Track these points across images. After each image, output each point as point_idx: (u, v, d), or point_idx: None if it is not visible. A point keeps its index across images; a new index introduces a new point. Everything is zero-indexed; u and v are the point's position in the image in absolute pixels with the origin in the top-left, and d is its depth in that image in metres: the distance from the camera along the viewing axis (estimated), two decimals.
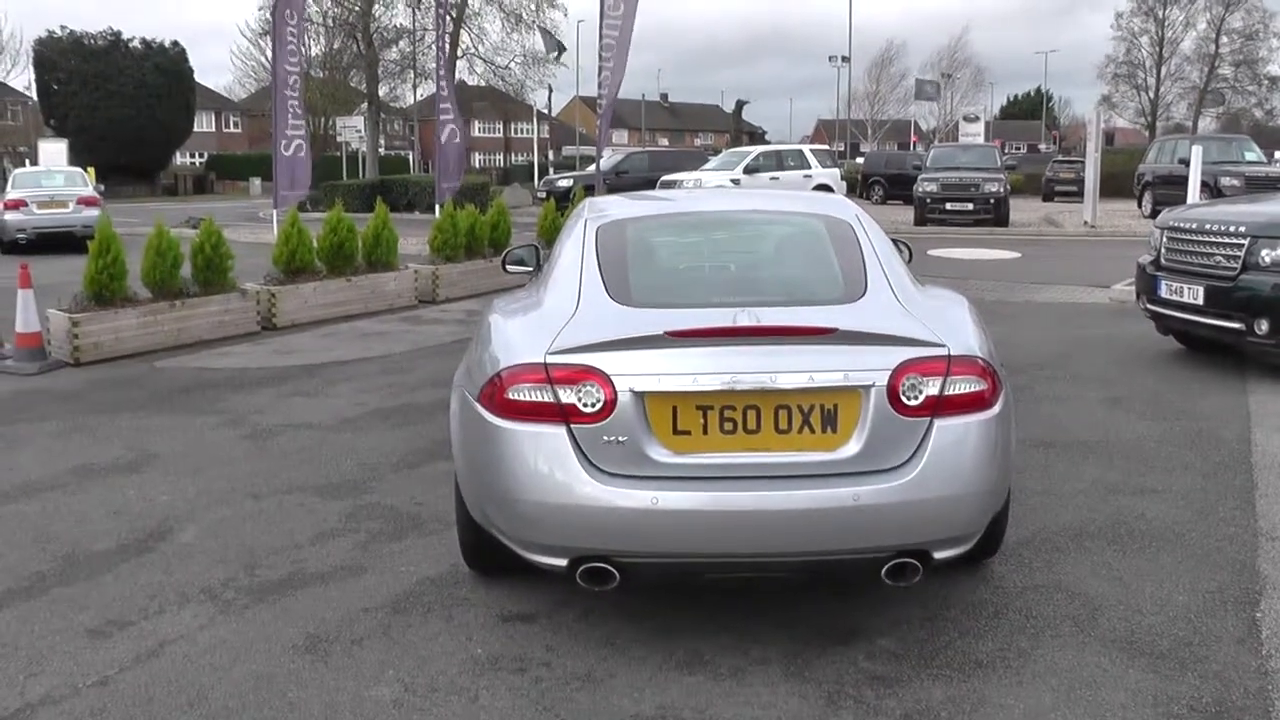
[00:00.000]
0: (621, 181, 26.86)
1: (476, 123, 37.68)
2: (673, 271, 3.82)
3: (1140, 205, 23.16)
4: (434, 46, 19.04)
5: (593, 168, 30.04)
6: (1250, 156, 20.25)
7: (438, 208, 13.53)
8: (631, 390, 2.97)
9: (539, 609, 3.60)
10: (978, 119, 54.33)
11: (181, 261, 8.46)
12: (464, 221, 11.33)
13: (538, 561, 3.15)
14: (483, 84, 35.90)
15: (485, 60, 33.37)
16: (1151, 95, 56.44)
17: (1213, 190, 17.84)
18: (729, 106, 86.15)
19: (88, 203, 17.03)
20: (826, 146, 35.05)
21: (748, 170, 25.58)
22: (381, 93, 33.94)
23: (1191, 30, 55.77)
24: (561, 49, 29.59)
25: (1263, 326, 6.39)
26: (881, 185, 32.79)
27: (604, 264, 3.61)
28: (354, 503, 4.79)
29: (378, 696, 3.05)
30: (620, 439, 2.97)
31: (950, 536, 3.12)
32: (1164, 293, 7.20)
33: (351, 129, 32.16)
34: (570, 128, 69.34)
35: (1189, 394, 6.64)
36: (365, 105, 34.40)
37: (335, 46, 34.60)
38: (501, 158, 62.25)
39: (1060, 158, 39.44)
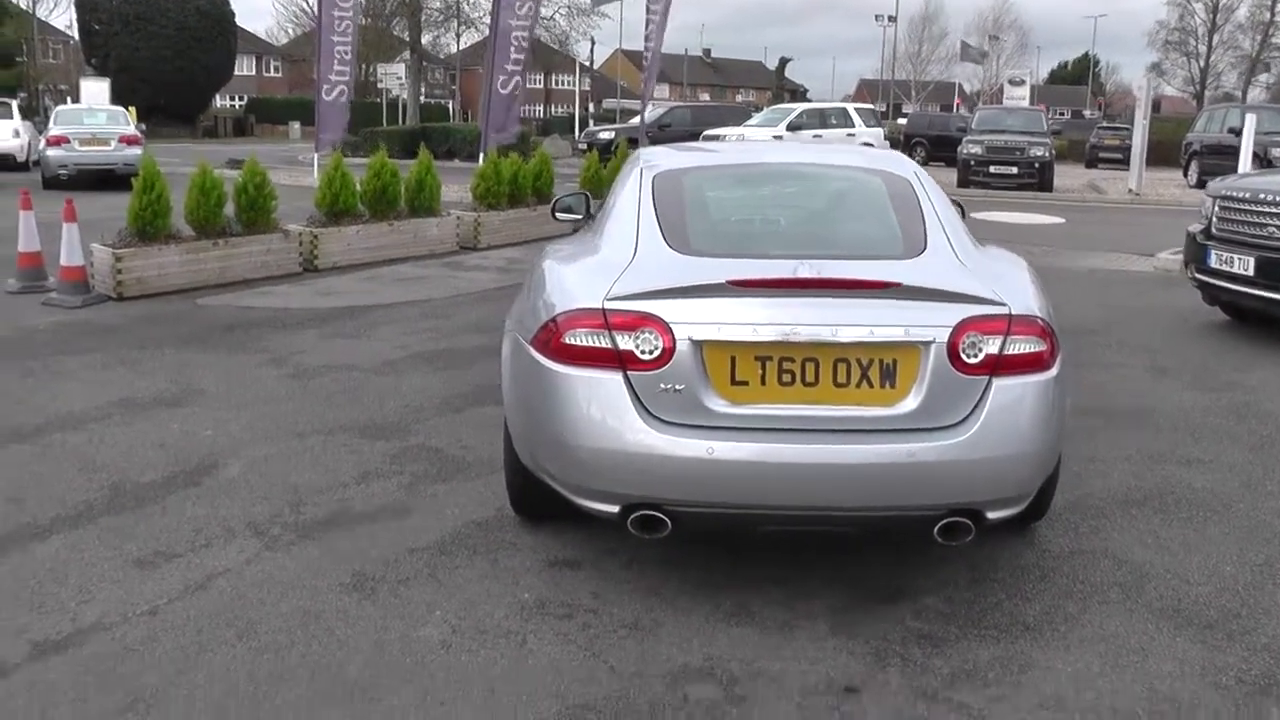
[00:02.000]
0: (664, 135, 26.61)
1: (488, 73, 37.48)
2: (731, 222, 3.77)
3: (1186, 174, 22.70)
4: None
5: (635, 120, 29.89)
6: None
7: (481, 155, 13.48)
8: (690, 339, 2.94)
9: (585, 556, 3.61)
10: (1023, 82, 53.23)
11: (224, 200, 8.47)
12: (507, 170, 11.27)
13: (588, 507, 3.14)
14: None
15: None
16: (1202, 63, 55.17)
17: (1263, 160, 17.44)
18: (772, 64, 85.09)
19: (129, 141, 17.09)
20: (871, 105, 34.53)
21: (791, 127, 25.28)
22: (424, 40, 33.66)
23: None
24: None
25: None
26: (924, 146, 32.36)
27: (661, 213, 3.57)
28: (398, 444, 4.81)
29: (426, 637, 3.07)
30: (677, 387, 2.94)
31: (1004, 497, 3.09)
32: (1213, 262, 7.06)
33: (393, 76, 32.01)
34: (611, 81, 68.66)
35: (1236, 365, 6.52)
36: (407, 53, 34.18)
37: None
38: (542, 109, 61.87)
39: (1105, 124, 38.70)
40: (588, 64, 51.45)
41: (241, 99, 59.51)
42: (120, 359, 6.25)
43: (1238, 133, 20.11)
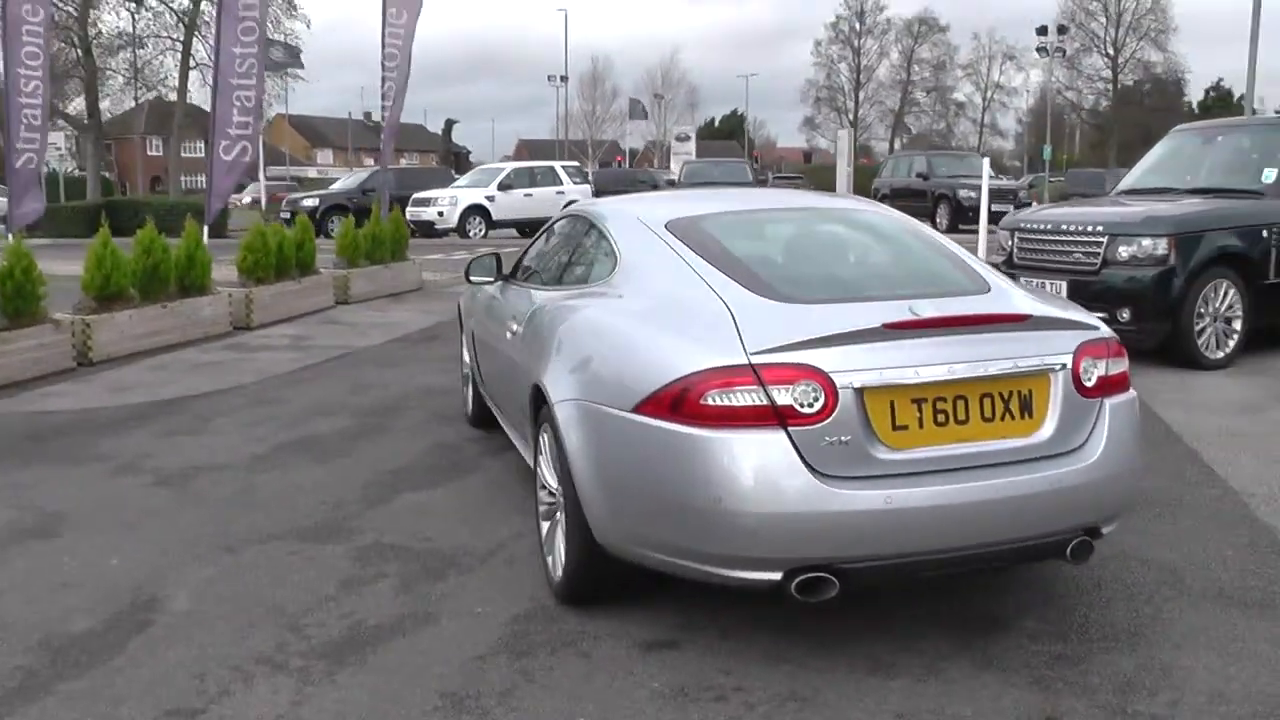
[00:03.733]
0: (368, 200, 25.75)
1: (176, 143, 34.69)
2: (801, 267, 3.67)
3: None
4: (165, 56, 17.38)
5: (337, 186, 28.73)
6: (977, 167, 22.46)
7: (205, 230, 12.37)
8: (852, 386, 2.82)
9: (672, 635, 3.34)
10: (689, 138, 57.08)
11: None
12: (273, 240, 10.42)
13: (739, 579, 2.91)
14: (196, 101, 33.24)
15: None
16: (851, 117, 61.64)
17: (951, 201, 19.64)
18: (433, 126, 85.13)
19: None
20: (576, 164, 35.41)
21: (501, 187, 25.46)
22: (103, 106, 30.53)
23: (885, 59, 61.55)
24: (298, 60, 27.91)
25: (1125, 314, 7.09)
26: None
27: (716, 261, 3.42)
28: (352, 546, 4.25)
29: None
30: (843, 439, 2.81)
31: (1118, 512, 3.21)
32: None
33: (52, 147, 28.70)
34: (276, 148, 65.78)
35: None
36: (63, 120, 30.81)
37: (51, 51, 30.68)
38: (203, 180, 57.70)
39: (779, 174, 42.15)
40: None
41: None
42: None
43: (925, 176, 22.68)
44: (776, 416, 2.79)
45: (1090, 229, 7.43)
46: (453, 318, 11.26)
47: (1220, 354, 7.33)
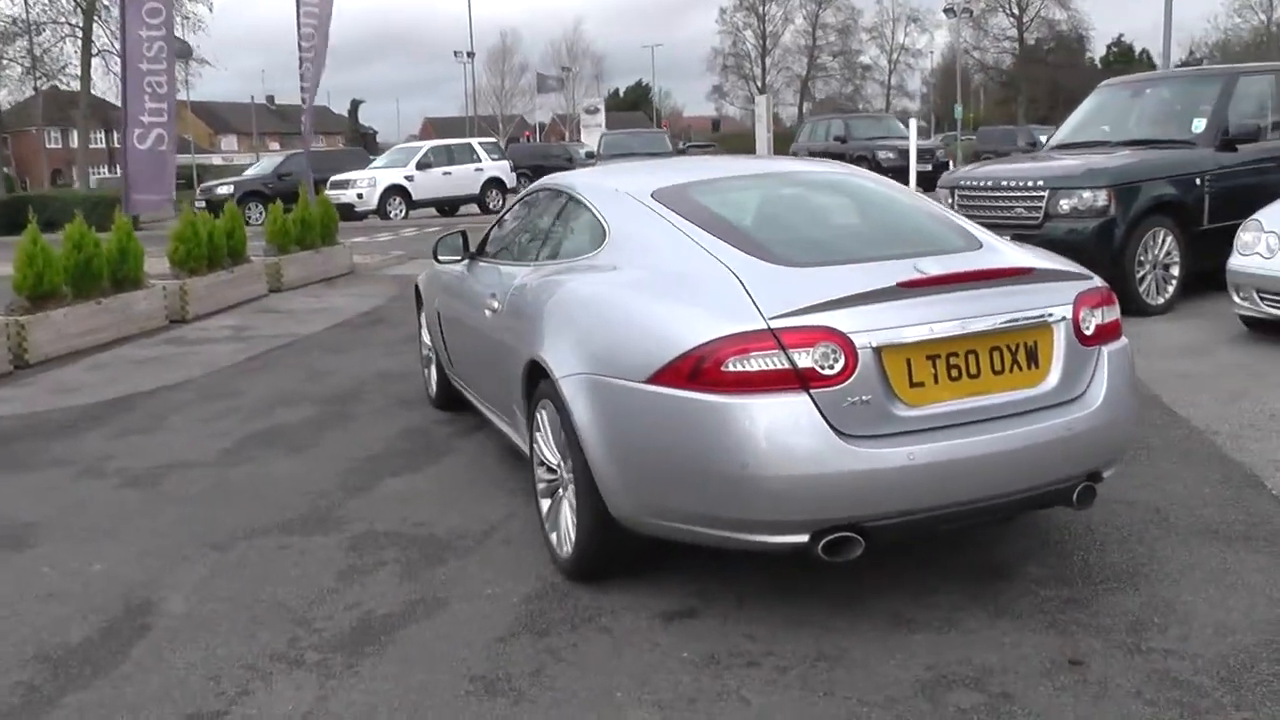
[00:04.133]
0: (284, 185, 25.20)
1: (75, 132, 33.38)
2: (794, 231, 3.67)
3: None
4: (65, 42, 16.65)
5: (250, 172, 27.94)
6: (897, 130, 22.82)
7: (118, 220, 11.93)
8: (870, 346, 2.85)
9: (689, 604, 3.35)
10: (598, 110, 56.77)
11: None
12: (204, 230, 10.11)
13: (766, 543, 2.93)
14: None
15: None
16: (759, 84, 61.91)
17: (870, 162, 19.88)
18: (337, 107, 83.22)
19: None
20: (494, 139, 34.98)
21: (420, 166, 25.10)
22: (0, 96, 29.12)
23: (790, 25, 61.86)
24: (185, 47, 26.94)
25: None
26: (529, 178, 33.13)
27: (712, 229, 3.41)
28: (343, 537, 4.17)
29: (640, 718, 2.71)
30: (864, 399, 2.84)
31: (1116, 457, 3.31)
32: None
33: None
34: (179, 136, 63.72)
35: None
36: None
37: None
38: (107, 169, 55.61)
39: (690, 143, 42.19)
40: None
41: None
42: None
43: (843, 139, 22.91)
44: (799, 380, 2.81)
45: (1031, 184, 7.61)
46: (392, 301, 11.16)
47: (1161, 300, 7.58)
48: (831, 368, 2.82)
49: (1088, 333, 3.17)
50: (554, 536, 3.67)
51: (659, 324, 3.07)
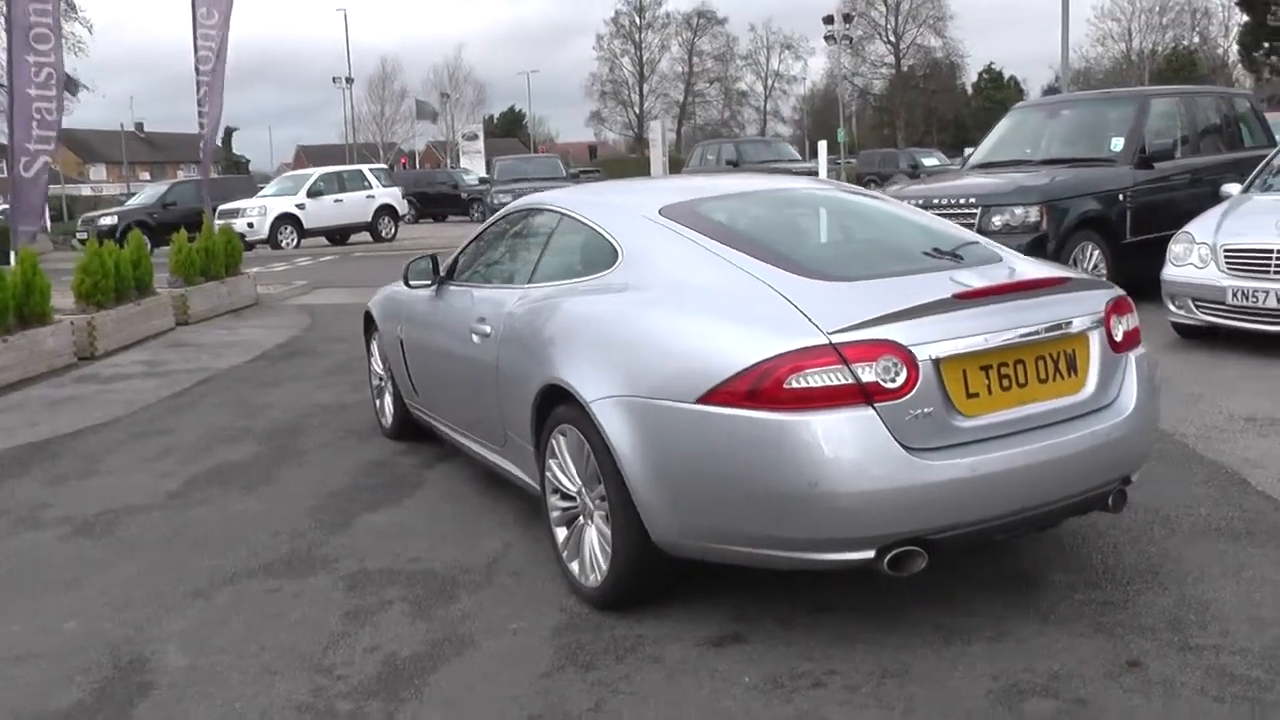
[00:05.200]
0: (169, 214, 24.26)
1: None
2: (817, 246, 3.62)
3: None
4: None
5: (134, 202, 26.76)
6: (787, 153, 23.33)
7: (13, 255, 11.25)
8: (930, 358, 2.83)
9: (730, 629, 3.26)
10: (476, 136, 56.49)
11: None
12: (111, 260, 9.58)
13: (830, 561, 2.86)
14: None
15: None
16: (637, 110, 62.56)
17: None
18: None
19: None
20: (384, 166, 34.30)
21: (311, 194, 24.45)
22: None
23: (667, 52, 62.76)
24: (71, 84, 25.60)
25: None
26: (414, 205, 32.60)
27: (735, 245, 3.36)
28: (334, 576, 3.95)
29: None
30: (926, 411, 2.82)
31: (1144, 460, 3.38)
32: None
33: None
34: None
35: None
36: None
37: None
38: None
39: (579, 169, 42.29)
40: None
41: None
42: None
43: (735, 163, 23.28)
44: (863, 394, 2.77)
45: (963, 200, 7.82)
46: (307, 332, 10.77)
47: None
48: (894, 381, 2.79)
49: (1118, 339, 3.23)
50: (575, 566, 3.54)
51: (706, 343, 2.99)
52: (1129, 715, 2.67)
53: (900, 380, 2.80)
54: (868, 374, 2.78)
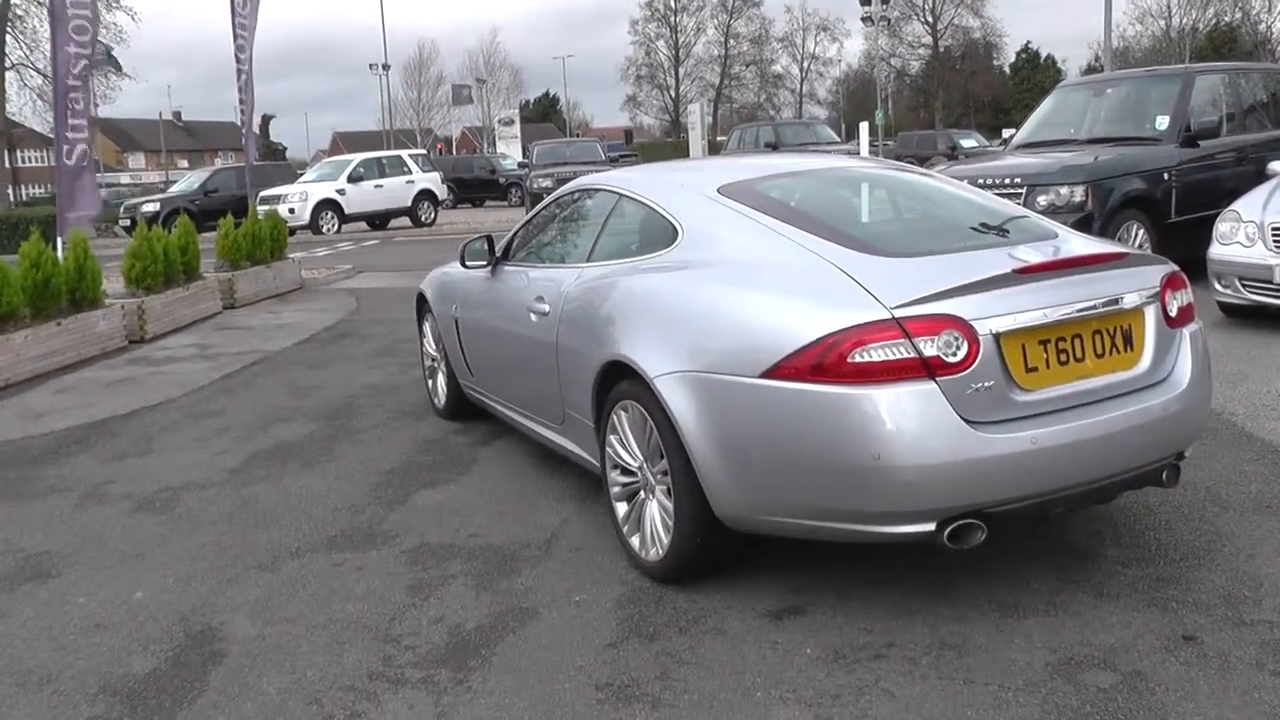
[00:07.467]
0: (211, 201, 24.60)
1: (4, 152, 32.19)
2: (874, 223, 3.66)
3: None
4: None
5: (176, 189, 27.13)
6: (826, 135, 23.21)
7: (60, 242, 11.48)
8: (991, 333, 2.87)
9: (790, 602, 3.33)
10: (513, 121, 56.56)
11: None
12: (159, 246, 9.76)
13: (893, 533, 2.92)
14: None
15: (43, 73, 28.66)
16: (673, 94, 62.41)
17: None
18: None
19: None
20: (423, 151, 34.48)
21: (352, 179, 24.64)
22: None
23: (703, 35, 62.48)
24: (113, 61, 25.97)
25: None
26: (452, 190, 32.72)
27: (795, 222, 3.40)
28: (395, 551, 4.05)
29: (790, 716, 2.67)
30: (986, 385, 2.86)
31: (1197, 435, 3.40)
32: None
33: None
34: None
35: None
36: None
37: None
38: (11, 191, 52.90)
39: (618, 153, 42.22)
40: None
41: None
42: None
43: (774, 145, 23.18)
44: (925, 368, 2.81)
45: (1008, 180, 7.78)
46: (353, 315, 10.91)
47: None
48: (955, 355, 2.83)
49: (1173, 315, 3.25)
50: (635, 540, 3.62)
51: (769, 318, 3.04)
52: (1187, 688, 2.70)
53: (962, 354, 2.84)
54: (930, 348, 2.82)
